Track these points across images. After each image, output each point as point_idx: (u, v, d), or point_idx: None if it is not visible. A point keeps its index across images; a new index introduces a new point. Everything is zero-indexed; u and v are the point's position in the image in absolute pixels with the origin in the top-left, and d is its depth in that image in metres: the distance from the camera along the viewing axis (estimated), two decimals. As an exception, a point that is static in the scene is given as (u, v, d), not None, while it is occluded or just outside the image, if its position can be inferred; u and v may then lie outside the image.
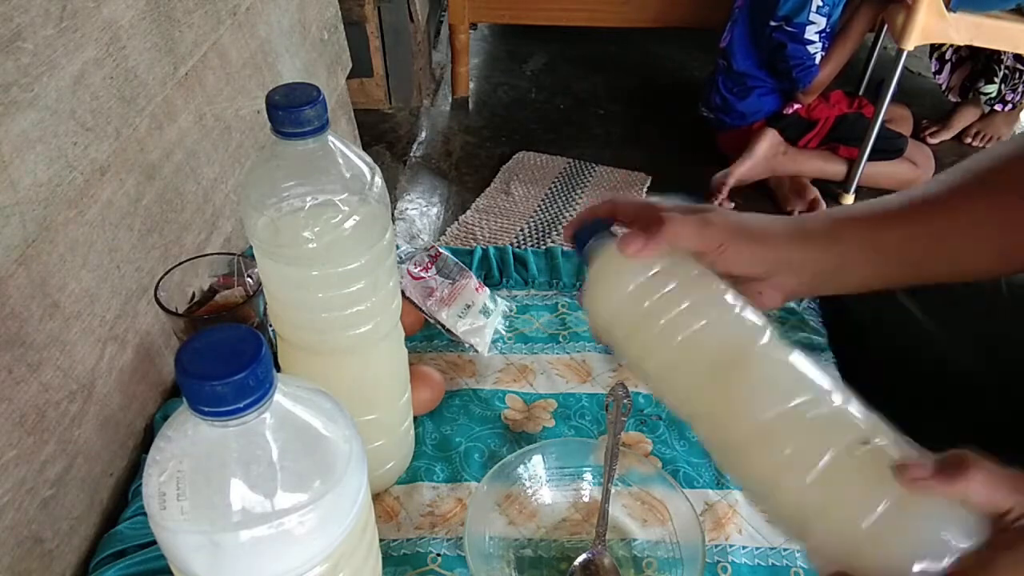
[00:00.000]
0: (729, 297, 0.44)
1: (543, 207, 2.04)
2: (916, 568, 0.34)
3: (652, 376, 0.45)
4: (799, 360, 0.41)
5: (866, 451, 0.37)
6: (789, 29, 1.88)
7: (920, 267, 0.50)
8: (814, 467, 0.36)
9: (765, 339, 0.42)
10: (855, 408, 0.39)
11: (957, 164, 0.52)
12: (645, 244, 0.44)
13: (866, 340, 0.77)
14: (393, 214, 1.98)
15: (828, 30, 1.90)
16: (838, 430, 0.38)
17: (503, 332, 0.79)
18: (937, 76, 2.29)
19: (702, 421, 0.43)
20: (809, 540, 0.38)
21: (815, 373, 0.40)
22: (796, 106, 2.02)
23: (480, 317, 0.77)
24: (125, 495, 0.63)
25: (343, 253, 0.48)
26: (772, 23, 1.89)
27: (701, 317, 0.42)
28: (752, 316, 0.43)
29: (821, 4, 1.85)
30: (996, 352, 0.67)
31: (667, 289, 0.43)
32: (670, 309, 0.42)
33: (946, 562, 0.34)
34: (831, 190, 2.05)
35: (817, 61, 1.90)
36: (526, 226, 1.98)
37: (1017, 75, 2.13)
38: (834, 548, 0.36)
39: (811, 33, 1.87)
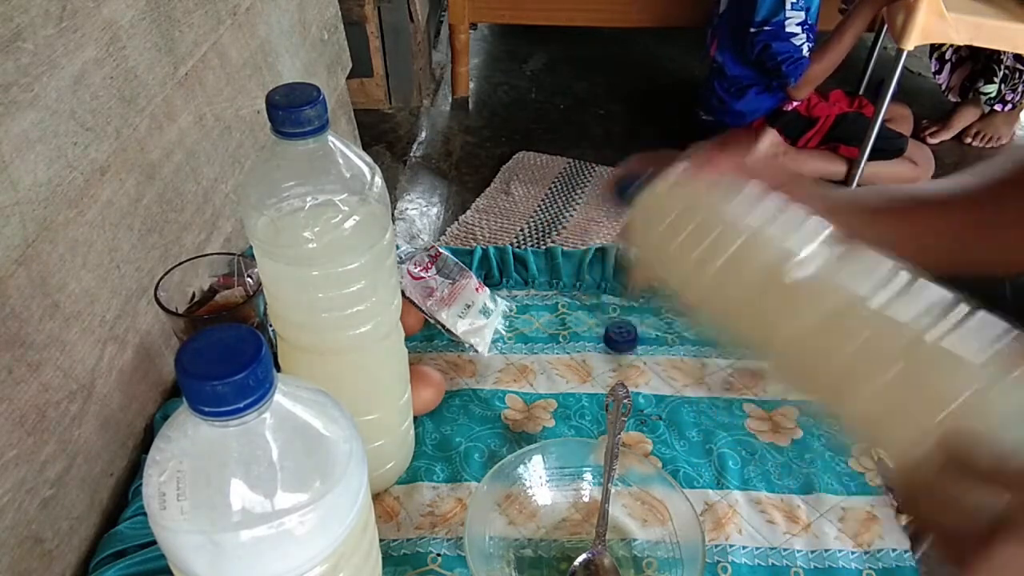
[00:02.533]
0: (774, 216, 0.43)
1: (543, 207, 2.04)
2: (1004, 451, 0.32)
3: (698, 302, 0.45)
4: (846, 267, 0.39)
5: (930, 345, 0.35)
6: (769, 29, 1.88)
7: (958, 256, 0.50)
8: (872, 368, 0.35)
9: (808, 252, 0.40)
10: (911, 305, 0.37)
11: (1000, 152, 0.52)
12: (711, 160, 0.45)
13: None
14: (393, 214, 1.98)
15: (810, 22, 1.90)
16: (893, 330, 0.36)
17: (503, 332, 0.79)
18: (937, 76, 2.29)
19: (758, 335, 0.42)
20: (886, 438, 0.36)
21: (866, 276, 0.38)
22: (795, 103, 2.02)
23: (480, 317, 0.77)
24: (125, 495, 0.63)
25: (343, 253, 0.48)
26: (752, 30, 1.90)
27: (737, 237, 0.41)
28: (797, 233, 0.42)
29: (795, 0, 1.85)
30: None
31: (705, 216, 0.43)
32: (708, 234, 0.42)
33: None
34: (831, 190, 2.05)
35: (805, 53, 1.89)
36: (526, 226, 1.98)
37: (1017, 75, 2.13)
38: (911, 442, 0.34)
39: (792, 26, 1.87)
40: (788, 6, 1.85)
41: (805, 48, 1.90)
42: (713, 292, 0.43)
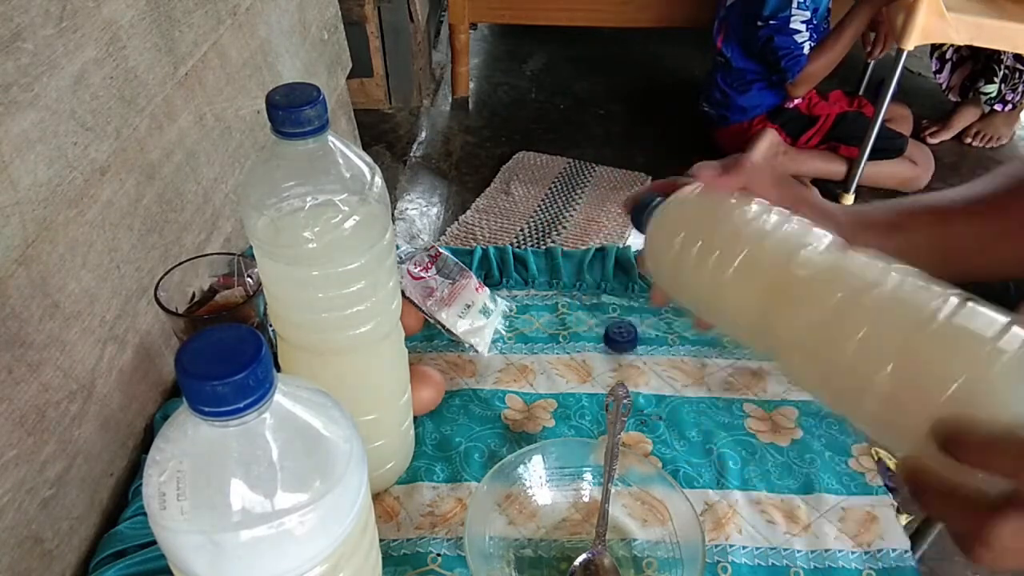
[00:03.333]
0: (783, 224, 0.44)
1: (543, 207, 2.04)
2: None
3: (716, 310, 0.46)
4: (852, 262, 0.40)
5: (941, 323, 0.35)
6: (774, 23, 1.90)
7: (979, 263, 0.51)
8: (883, 351, 0.35)
9: (817, 249, 0.41)
10: (920, 290, 0.37)
11: (1009, 158, 0.52)
12: (721, 175, 0.46)
13: None
14: (393, 214, 1.98)
15: (816, 21, 1.91)
16: (905, 312, 0.36)
17: (503, 332, 0.79)
18: (937, 76, 2.29)
19: (767, 339, 0.43)
20: (902, 424, 0.36)
21: (872, 268, 0.39)
22: (796, 101, 2.02)
23: (480, 317, 0.77)
24: (125, 495, 0.63)
25: (343, 253, 0.48)
26: (759, 23, 1.91)
27: (749, 242, 0.42)
28: (805, 238, 0.42)
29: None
30: None
31: (718, 227, 0.44)
32: (720, 244, 0.43)
33: None
34: (831, 190, 2.05)
35: (805, 51, 1.91)
36: (526, 226, 1.98)
37: (1017, 75, 2.13)
38: (923, 425, 0.34)
39: (796, 23, 1.88)
40: (795, 4, 1.86)
41: (807, 46, 1.90)
42: (726, 303, 0.44)
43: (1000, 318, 0.34)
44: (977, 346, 0.34)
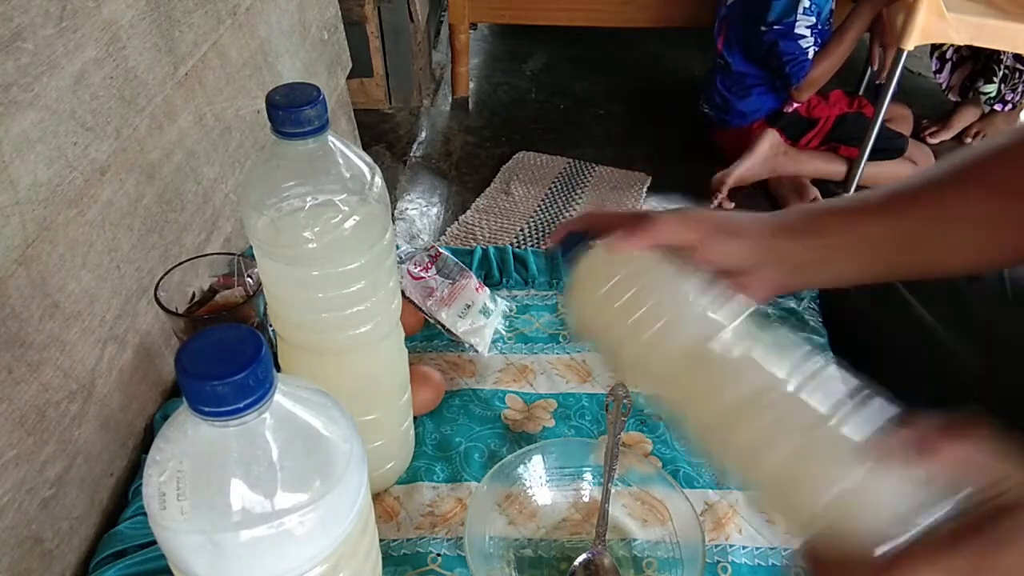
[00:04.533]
0: (699, 295, 0.45)
1: (543, 207, 2.04)
2: (881, 538, 0.34)
3: (626, 369, 0.47)
4: (761, 351, 0.42)
5: (826, 431, 0.38)
6: (779, 28, 1.89)
7: (903, 261, 0.51)
8: (772, 449, 0.38)
9: (726, 334, 0.43)
10: (816, 391, 0.39)
11: (940, 159, 0.52)
12: (629, 237, 0.46)
13: (867, 336, 0.77)
14: (393, 214, 1.98)
15: (820, 26, 1.91)
16: (795, 415, 0.39)
17: (503, 332, 0.79)
18: (937, 75, 2.29)
19: (670, 408, 0.45)
20: (785, 514, 0.40)
21: (778, 361, 0.41)
22: (796, 105, 2.02)
23: (480, 317, 0.77)
24: (125, 495, 0.63)
25: (343, 253, 0.48)
26: (763, 28, 1.90)
27: (662, 316, 0.44)
28: (718, 313, 0.44)
29: (809, 4, 1.86)
30: (998, 348, 0.67)
31: (635, 289, 0.45)
32: (637, 308, 0.44)
33: (909, 535, 0.34)
34: (831, 190, 2.05)
35: (810, 56, 1.90)
36: (526, 226, 1.98)
37: (1017, 75, 2.13)
38: (804, 522, 0.38)
39: (802, 28, 1.88)
40: (801, 9, 1.86)
41: (811, 51, 1.90)
42: (643, 359, 0.45)
43: (880, 427, 0.37)
44: (850, 462, 0.36)
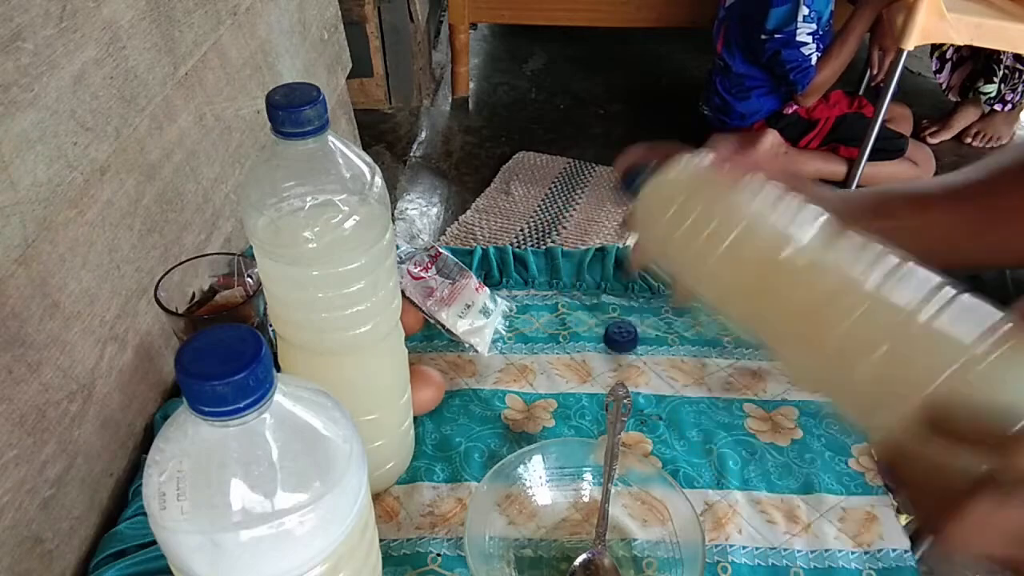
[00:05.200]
0: (771, 207, 0.44)
1: (543, 207, 2.04)
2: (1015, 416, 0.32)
3: (700, 287, 0.46)
4: (840, 254, 0.40)
5: (928, 316, 0.36)
6: (780, 36, 1.88)
7: (967, 248, 0.51)
8: (873, 339, 0.36)
9: (803, 241, 0.41)
10: (906, 283, 0.38)
11: (1001, 150, 0.52)
12: (734, 161, 0.46)
13: None
14: (393, 214, 1.98)
15: (821, 32, 1.91)
16: (889, 306, 0.37)
17: (503, 332, 0.79)
18: (938, 75, 2.29)
19: (753, 317, 0.43)
20: (886, 406, 0.37)
21: (860, 262, 0.40)
22: (795, 106, 2.02)
23: (480, 317, 0.77)
24: (125, 495, 0.63)
25: (343, 253, 0.48)
26: (763, 36, 1.90)
27: (735, 227, 0.43)
28: (792, 222, 0.43)
29: (808, 12, 1.85)
30: None
31: (705, 205, 0.44)
32: (708, 223, 0.43)
33: None
34: (831, 190, 2.05)
35: (813, 62, 1.90)
36: (526, 226, 1.98)
37: (1017, 75, 2.13)
38: (907, 413, 0.35)
39: (803, 35, 1.87)
40: (800, 18, 1.85)
41: (814, 58, 1.90)
42: (714, 278, 0.45)
43: (989, 314, 0.35)
44: (958, 349, 0.34)
